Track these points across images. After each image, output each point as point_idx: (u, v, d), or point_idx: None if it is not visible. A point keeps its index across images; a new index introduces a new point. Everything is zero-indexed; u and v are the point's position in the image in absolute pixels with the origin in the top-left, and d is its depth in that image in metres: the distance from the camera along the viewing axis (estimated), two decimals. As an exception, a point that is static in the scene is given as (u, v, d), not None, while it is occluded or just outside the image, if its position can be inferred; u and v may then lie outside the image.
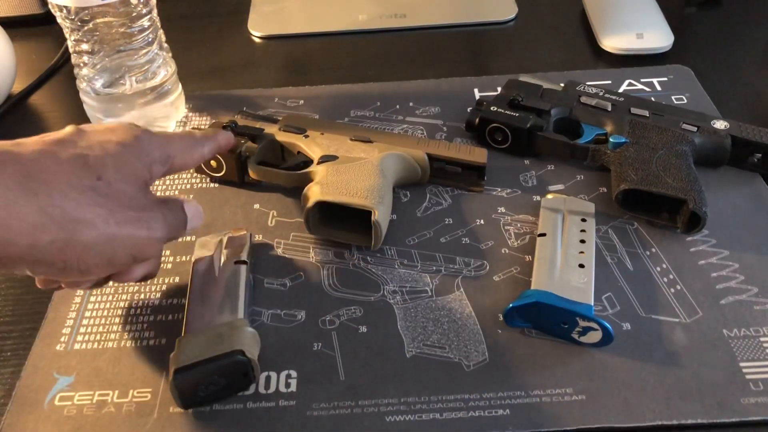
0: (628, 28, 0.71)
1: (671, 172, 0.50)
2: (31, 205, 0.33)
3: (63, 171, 0.35)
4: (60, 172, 0.35)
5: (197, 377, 0.39)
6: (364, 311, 0.46)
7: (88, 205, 0.35)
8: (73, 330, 0.45)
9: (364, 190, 0.48)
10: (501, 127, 0.57)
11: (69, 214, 0.34)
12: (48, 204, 0.33)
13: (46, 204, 0.33)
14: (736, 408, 0.39)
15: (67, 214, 0.34)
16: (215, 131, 0.48)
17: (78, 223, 0.34)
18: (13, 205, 0.32)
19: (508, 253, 0.50)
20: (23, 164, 0.34)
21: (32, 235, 0.33)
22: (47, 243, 0.34)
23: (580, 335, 0.42)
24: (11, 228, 0.32)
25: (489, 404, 0.40)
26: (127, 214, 0.37)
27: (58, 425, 0.40)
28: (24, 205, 0.33)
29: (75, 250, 0.35)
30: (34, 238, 0.33)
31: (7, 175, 0.33)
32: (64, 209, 0.34)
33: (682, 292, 0.46)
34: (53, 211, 0.34)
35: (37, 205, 0.33)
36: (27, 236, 0.33)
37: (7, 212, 0.32)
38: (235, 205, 0.54)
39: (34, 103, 0.69)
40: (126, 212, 0.37)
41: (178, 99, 0.63)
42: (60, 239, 0.34)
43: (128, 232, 0.37)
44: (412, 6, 0.80)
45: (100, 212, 0.36)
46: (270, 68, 0.72)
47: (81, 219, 0.35)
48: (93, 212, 0.35)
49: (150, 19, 0.57)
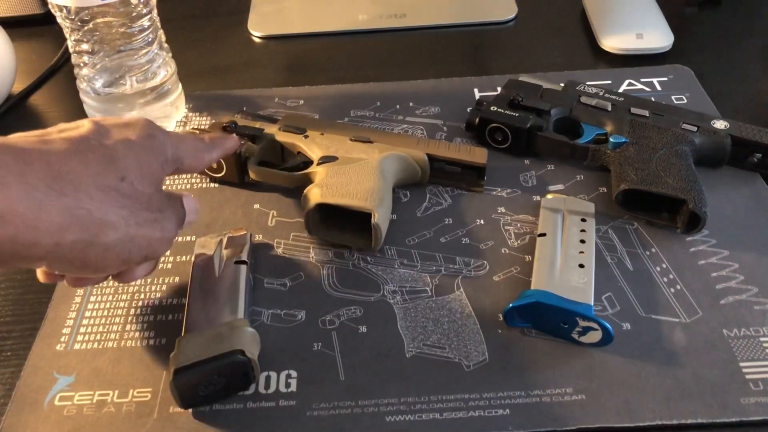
0: (628, 28, 0.71)
1: (671, 172, 0.50)
2: (58, 206, 0.33)
3: (89, 172, 0.35)
4: (86, 173, 0.35)
5: (197, 377, 0.39)
6: (364, 311, 0.46)
7: (111, 206, 0.35)
8: (73, 330, 0.45)
9: (364, 192, 0.48)
10: (501, 127, 0.57)
11: (94, 216, 0.34)
12: (74, 205, 0.34)
13: (73, 205, 0.33)
14: (736, 408, 0.39)
15: (92, 216, 0.34)
16: (224, 136, 0.48)
17: (102, 225, 0.35)
18: (41, 207, 0.32)
19: (508, 253, 0.50)
20: (51, 164, 0.34)
21: (57, 236, 0.33)
22: (70, 243, 0.34)
23: (580, 335, 0.43)
24: (38, 229, 0.32)
25: (489, 404, 0.40)
26: (146, 214, 0.37)
27: (58, 425, 0.40)
28: (51, 206, 0.33)
29: (96, 250, 0.35)
30: (59, 238, 0.33)
31: (35, 175, 0.33)
32: (90, 210, 0.34)
33: (682, 292, 0.46)
34: (79, 212, 0.34)
35: (64, 205, 0.33)
36: (52, 237, 0.33)
37: (35, 214, 0.32)
38: (235, 205, 0.54)
39: (34, 103, 0.69)
40: (144, 213, 0.37)
41: (178, 99, 0.63)
42: (83, 240, 0.34)
43: (145, 233, 0.37)
44: (412, 6, 0.80)
45: (123, 213, 0.36)
46: (270, 68, 0.72)
47: (105, 220, 0.35)
48: (116, 213, 0.35)
49: (150, 19, 0.57)
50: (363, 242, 0.49)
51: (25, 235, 0.32)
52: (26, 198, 0.32)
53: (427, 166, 0.54)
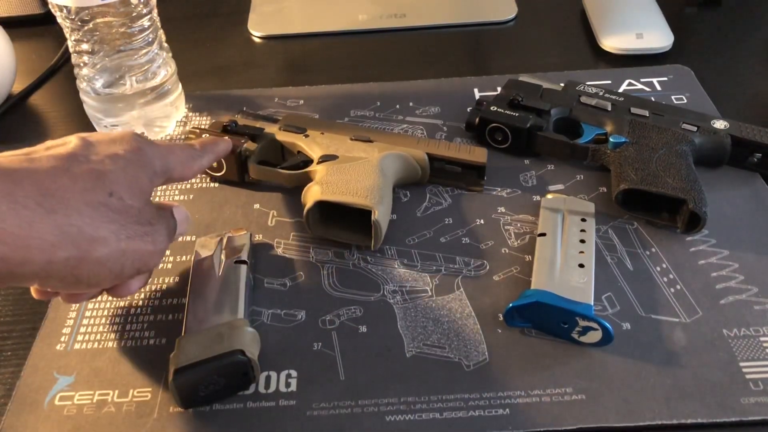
0: (628, 28, 0.71)
1: (671, 172, 0.50)
2: (49, 224, 0.33)
3: (78, 188, 0.35)
4: (75, 189, 0.35)
5: (197, 377, 0.39)
6: (364, 311, 0.46)
7: (102, 221, 0.35)
8: (73, 330, 0.45)
9: (364, 189, 0.48)
10: (501, 127, 0.57)
11: (84, 232, 0.34)
12: (65, 222, 0.34)
13: (63, 222, 0.34)
14: (736, 408, 0.39)
15: (83, 232, 0.34)
16: (216, 140, 0.49)
17: (93, 241, 0.35)
18: (32, 225, 0.32)
19: (508, 252, 0.50)
20: (40, 182, 0.34)
21: (49, 254, 0.33)
22: (62, 260, 0.34)
23: (580, 335, 0.43)
24: (30, 247, 0.32)
25: (489, 404, 0.40)
26: (136, 228, 0.37)
27: (58, 425, 0.40)
28: (42, 224, 0.33)
29: (88, 266, 0.35)
30: (51, 256, 0.33)
31: (24, 193, 0.33)
32: (80, 227, 0.34)
33: (682, 291, 0.46)
34: (70, 229, 0.34)
35: (54, 223, 0.33)
36: (44, 254, 0.33)
37: (26, 232, 0.32)
38: (235, 205, 0.54)
39: (34, 103, 0.69)
40: (135, 227, 0.37)
41: (178, 99, 0.63)
42: (75, 256, 0.34)
43: (137, 246, 0.37)
44: (412, 6, 0.80)
45: (113, 228, 0.36)
46: (270, 68, 0.72)
47: (95, 236, 0.35)
48: (106, 229, 0.36)
49: (150, 19, 0.57)
50: (363, 240, 0.49)
51: (17, 254, 0.32)
52: (16, 216, 0.32)
53: (427, 165, 0.54)
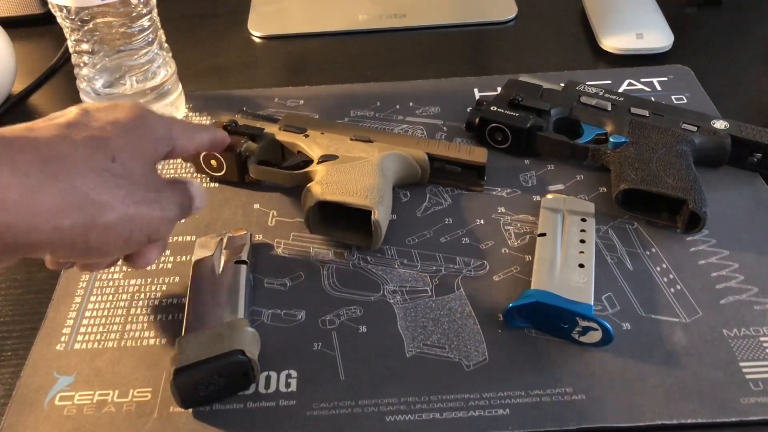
0: (628, 28, 0.71)
1: (671, 172, 0.50)
2: (53, 190, 0.33)
3: (79, 154, 0.35)
4: (77, 155, 0.35)
5: (197, 377, 0.39)
6: (364, 311, 0.46)
7: (106, 187, 0.35)
8: (73, 330, 0.45)
9: (364, 189, 0.48)
10: (501, 127, 0.57)
11: (90, 197, 0.34)
12: (68, 188, 0.33)
13: (67, 188, 0.33)
14: (736, 408, 0.39)
15: (87, 197, 0.34)
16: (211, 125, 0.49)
17: (98, 206, 0.35)
18: (36, 192, 0.32)
19: (508, 252, 0.50)
20: (40, 149, 0.34)
21: (55, 220, 0.33)
22: (69, 226, 0.33)
23: (580, 335, 0.43)
24: (35, 214, 0.32)
25: (489, 404, 0.40)
26: (143, 194, 0.37)
27: (58, 425, 0.40)
28: (46, 190, 0.33)
29: (96, 231, 0.35)
30: (57, 222, 0.33)
31: (26, 161, 0.32)
32: (85, 192, 0.34)
33: (682, 291, 0.46)
34: (74, 194, 0.34)
35: (57, 189, 0.33)
36: (50, 221, 0.33)
37: (30, 199, 0.32)
38: (235, 205, 0.54)
39: (34, 103, 0.69)
40: (141, 192, 0.37)
41: (178, 99, 0.63)
42: (81, 222, 0.34)
43: (145, 212, 0.37)
44: (412, 6, 0.80)
45: (119, 194, 0.36)
46: (270, 68, 0.72)
47: (101, 201, 0.35)
48: (112, 194, 0.35)
49: (150, 19, 0.57)
50: (363, 240, 0.49)
51: (23, 222, 0.32)
52: (19, 184, 0.32)
53: (427, 165, 0.54)
